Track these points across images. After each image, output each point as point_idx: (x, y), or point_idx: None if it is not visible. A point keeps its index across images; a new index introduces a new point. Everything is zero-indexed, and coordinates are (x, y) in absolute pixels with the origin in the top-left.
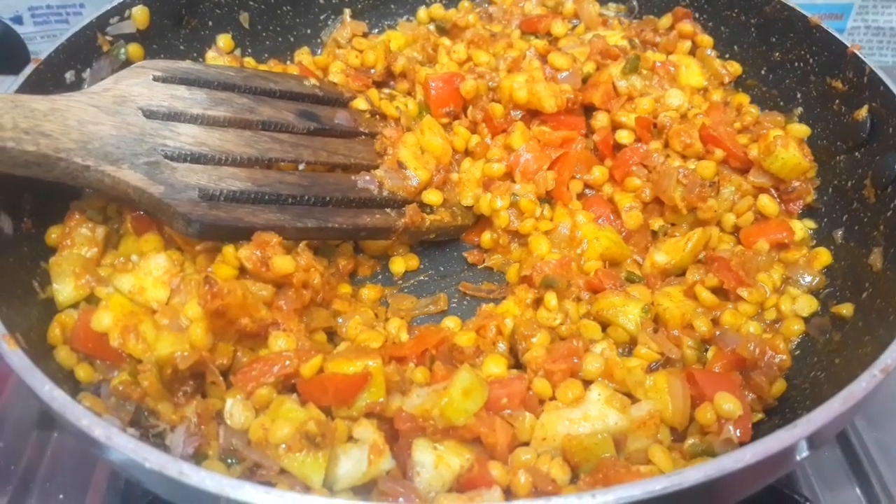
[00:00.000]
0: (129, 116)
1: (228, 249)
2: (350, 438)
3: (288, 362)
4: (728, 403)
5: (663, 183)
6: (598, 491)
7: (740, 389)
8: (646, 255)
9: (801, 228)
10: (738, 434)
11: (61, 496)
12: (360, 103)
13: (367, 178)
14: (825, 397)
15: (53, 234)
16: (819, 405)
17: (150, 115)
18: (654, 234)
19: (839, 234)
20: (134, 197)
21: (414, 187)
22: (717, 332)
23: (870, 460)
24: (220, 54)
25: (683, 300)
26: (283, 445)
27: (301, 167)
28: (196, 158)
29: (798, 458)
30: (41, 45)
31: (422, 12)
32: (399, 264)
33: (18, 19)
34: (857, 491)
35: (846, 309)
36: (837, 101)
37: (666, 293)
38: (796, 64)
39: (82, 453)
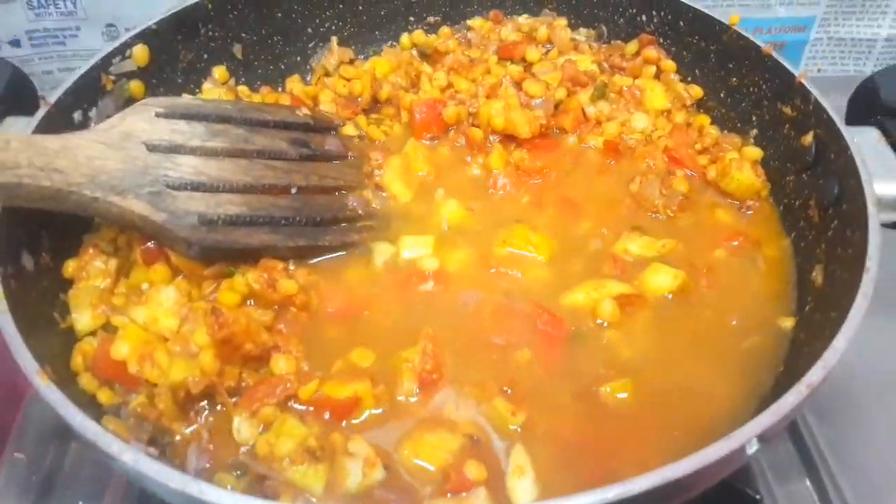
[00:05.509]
0: (133, 151)
1: (237, 277)
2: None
3: (289, 384)
4: None
5: (645, 193)
6: (559, 499)
7: None
8: None
9: None
10: None
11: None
12: (348, 129)
13: (355, 198)
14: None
15: (70, 268)
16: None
17: (152, 148)
18: None
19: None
20: (139, 224)
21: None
22: None
23: (820, 454)
24: (216, 85)
25: None
26: (287, 459)
27: (293, 191)
28: (195, 187)
29: (747, 454)
30: (38, 67)
31: (405, 38)
32: None
33: (17, 42)
34: (808, 483)
35: (788, 322)
36: (787, 125)
37: None
38: (751, 89)
39: (100, 463)
